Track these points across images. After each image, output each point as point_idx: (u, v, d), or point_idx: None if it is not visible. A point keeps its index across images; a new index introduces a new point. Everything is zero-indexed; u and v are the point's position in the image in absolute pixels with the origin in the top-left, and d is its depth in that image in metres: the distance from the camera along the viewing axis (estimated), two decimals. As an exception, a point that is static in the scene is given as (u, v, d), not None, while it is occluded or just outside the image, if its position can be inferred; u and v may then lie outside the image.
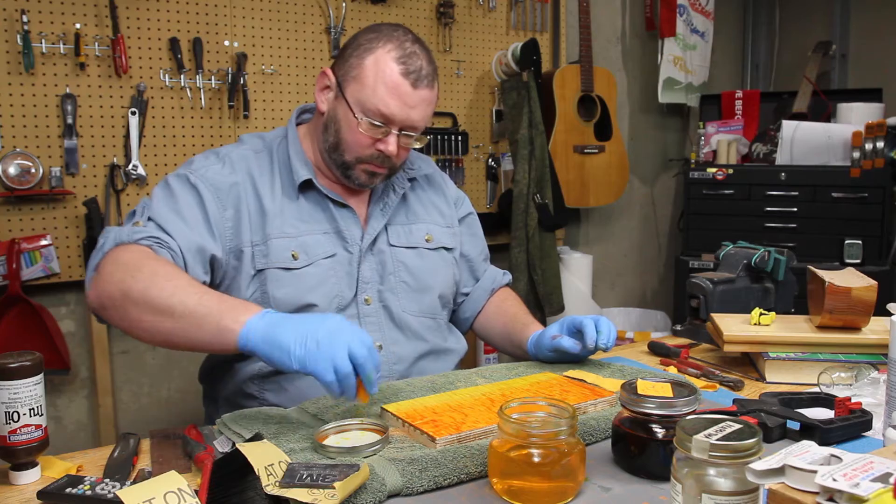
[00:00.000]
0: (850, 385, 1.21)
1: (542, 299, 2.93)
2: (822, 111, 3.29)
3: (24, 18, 2.11)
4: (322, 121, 1.36)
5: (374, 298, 1.38)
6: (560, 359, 1.36)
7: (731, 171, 3.18)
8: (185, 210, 1.27)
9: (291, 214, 1.34)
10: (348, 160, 1.33)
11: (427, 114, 1.33)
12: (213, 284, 1.30)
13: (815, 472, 0.65)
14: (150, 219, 1.25)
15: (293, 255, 1.32)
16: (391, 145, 1.31)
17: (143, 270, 1.11)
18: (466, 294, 1.59)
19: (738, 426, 0.74)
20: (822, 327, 1.37)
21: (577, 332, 1.33)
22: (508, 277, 1.66)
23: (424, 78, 1.29)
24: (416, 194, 1.50)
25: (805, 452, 0.70)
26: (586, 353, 1.34)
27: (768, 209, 3.11)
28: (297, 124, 1.45)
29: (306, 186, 1.36)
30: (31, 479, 0.94)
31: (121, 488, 0.83)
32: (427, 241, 1.46)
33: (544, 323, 1.45)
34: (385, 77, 1.27)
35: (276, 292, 1.30)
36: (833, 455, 0.70)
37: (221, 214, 1.30)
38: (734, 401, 1.10)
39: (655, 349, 1.54)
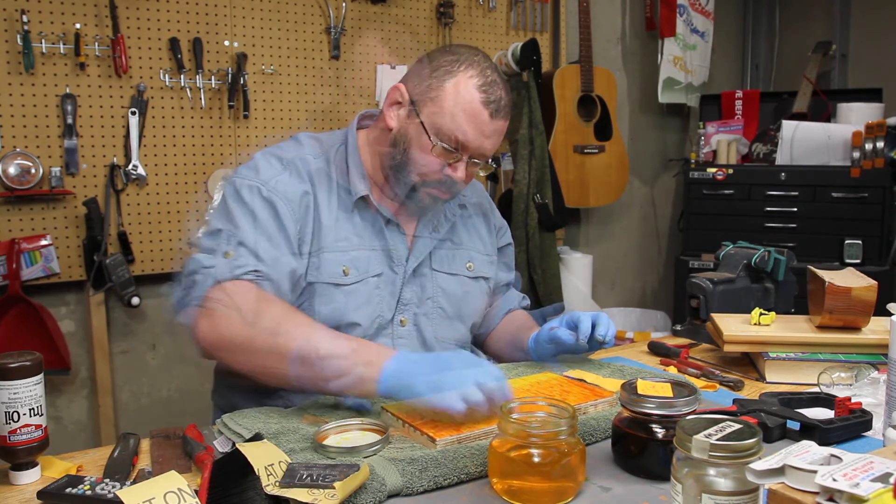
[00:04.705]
0: (850, 385, 1.21)
1: (542, 299, 2.93)
2: (822, 111, 3.29)
3: (24, 18, 2.11)
4: (389, 137, 1.32)
5: (410, 321, 1.37)
6: (557, 352, 1.35)
7: (731, 171, 3.18)
8: (270, 230, 1.25)
9: (345, 228, 1.32)
10: (414, 181, 1.31)
11: (498, 144, 1.31)
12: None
13: (815, 472, 0.65)
14: (240, 243, 1.22)
15: (344, 271, 1.30)
16: (460, 171, 1.29)
17: (263, 318, 1.13)
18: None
19: (738, 426, 0.74)
20: (822, 327, 1.37)
21: (576, 327, 1.33)
22: (527, 302, 1.64)
23: (503, 109, 1.28)
24: (463, 221, 1.48)
25: (805, 452, 0.70)
26: (582, 349, 1.34)
27: (768, 209, 3.11)
28: (358, 128, 1.42)
29: (361, 201, 1.34)
30: (31, 479, 0.94)
31: (121, 488, 0.82)
32: (468, 268, 1.45)
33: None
34: (465, 103, 1.25)
35: (321, 308, 1.29)
36: (833, 455, 0.69)
37: (296, 228, 1.28)
38: (734, 401, 1.10)
39: (655, 349, 1.54)
